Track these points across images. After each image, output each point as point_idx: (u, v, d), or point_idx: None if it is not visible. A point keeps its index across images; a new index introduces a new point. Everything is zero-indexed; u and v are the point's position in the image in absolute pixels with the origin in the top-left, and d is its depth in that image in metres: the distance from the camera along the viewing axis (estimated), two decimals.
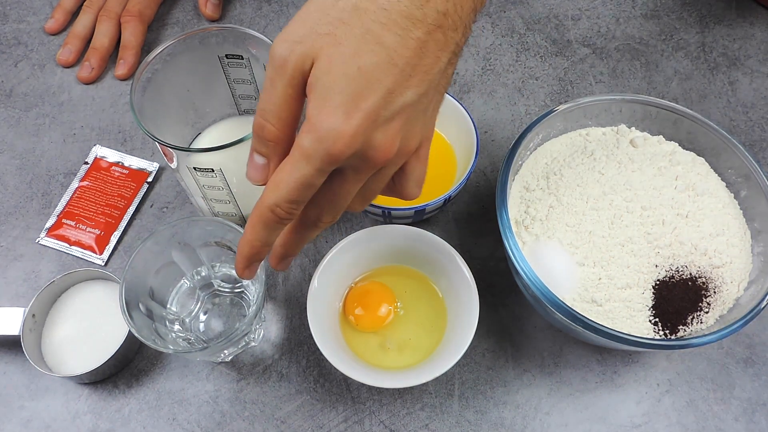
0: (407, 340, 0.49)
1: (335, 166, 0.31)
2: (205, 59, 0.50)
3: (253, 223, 0.34)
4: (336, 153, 0.30)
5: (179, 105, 0.52)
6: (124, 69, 0.65)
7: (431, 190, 0.53)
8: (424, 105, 0.32)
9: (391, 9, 0.30)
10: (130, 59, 0.65)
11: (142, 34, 0.66)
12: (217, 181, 0.47)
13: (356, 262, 0.50)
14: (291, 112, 0.32)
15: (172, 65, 0.48)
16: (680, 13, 0.70)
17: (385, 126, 0.31)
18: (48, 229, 0.57)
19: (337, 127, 0.29)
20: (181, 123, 0.54)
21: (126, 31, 0.66)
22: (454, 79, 0.65)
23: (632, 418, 0.49)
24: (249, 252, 0.35)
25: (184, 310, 0.50)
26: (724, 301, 0.47)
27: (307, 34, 0.30)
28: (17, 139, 0.63)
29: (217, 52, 0.49)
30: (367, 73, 0.29)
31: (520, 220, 0.50)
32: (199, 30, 0.48)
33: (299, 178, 0.31)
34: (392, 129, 0.31)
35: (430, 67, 0.31)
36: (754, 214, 0.49)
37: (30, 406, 0.50)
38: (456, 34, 0.32)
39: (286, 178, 0.31)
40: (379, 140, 0.31)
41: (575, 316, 0.43)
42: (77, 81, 0.66)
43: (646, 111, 0.53)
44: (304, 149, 0.30)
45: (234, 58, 0.49)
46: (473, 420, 0.49)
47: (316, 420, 0.49)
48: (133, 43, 0.66)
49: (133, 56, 0.66)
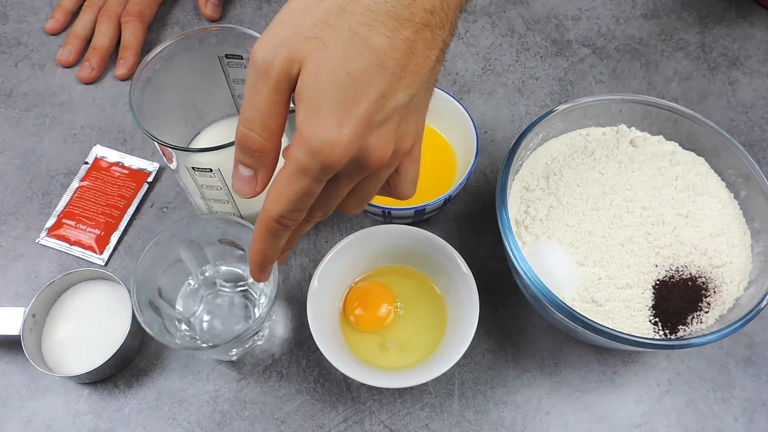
0: (407, 340, 0.49)
1: (332, 175, 0.31)
2: (204, 59, 0.50)
3: (261, 234, 0.34)
4: (332, 164, 0.30)
5: (179, 105, 0.52)
6: (124, 69, 0.65)
7: (431, 190, 0.53)
8: (415, 105, 0.32)
9: (378, 10, 0.29)
10: (130, 59, 0.66)
11: (142, 34, 0.66)
12: (216, 181, 0.47)
13: (356, 262, 0.50)
14: (277, 120, 0.31)
15: (172, 65, 0.48)
16: (680, 13, 0.70)
17: (378, 130, 0.30)
18: (48, 229, 0.57)
19: (331, 137, 0.29)
20: (181, 123, 0.54)
21: (126, 32, 0.66)
22: (454, 79, 0.65)
23: (632, 418, 0.49)
24: (261, 260, 0.36)
25: (188, 311, 0.50)
26: (724, 301, 0.47)
27: (292, 37, 0.29)
28: (17, 139, 0.63)
29: (217, 52, 0.49)
30: (357, 78, 0.29)
31: (520, 220, 0.50)
32: (198, 30, 0.48)
33: (299, 190, 0.31)
34: (386, 133, 0.31)
35: (419, 66, 0.30)
36: (754, 214, 0.49)
37: (30, 406, 0.50)
38: (443, 31, 0.31)
39: (285, 190, 0.31)
40: (373, 145, 0.30)
41: (575, 316, 0.43)
42: (77, 81, 0.66)
43: (646, 111, 0.53)
44: (299, 163, 0.30)
45: (234, 58, 0.49)
46: (473, 420, 0.49)
47: (316, 420, 0.49)
48: (133, 43, 0.66)
49: (133, 56, 0.66)
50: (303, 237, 0.57)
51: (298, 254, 0.56)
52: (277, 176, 0.32)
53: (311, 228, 0.57)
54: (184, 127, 0.55)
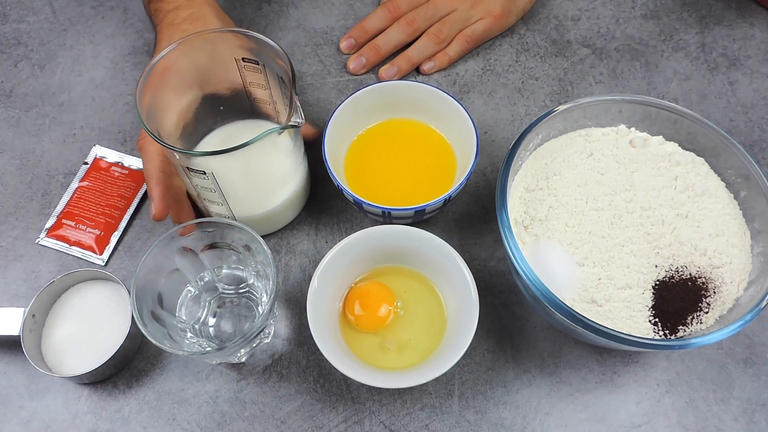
0: (407, 340, 0.49)
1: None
2: (218, 60, 0.49)
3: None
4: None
5: (188, 101, 0.52)
6: (392, 73, 0.65)
7: (431, 190, 0.53)
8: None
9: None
10: (403, 66, 0.65)
11: (457, 55, 0.66)
12: (209, 183, 0.47)
13: (356, 262, 0.50)
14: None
15: (184, 64, 0.48)
16: (680, 14, 0.70)
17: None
18: (48, 230, 0.57)
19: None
20: (191, 120, 0.53)
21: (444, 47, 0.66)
22: (454, 80, 0.66)
23: (632, 418, 0.49)
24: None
25: (192, 317, 0.50)
26: (724, 301, 0.47)
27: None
28: (17, 139, 0.63)
29: (234, 54, 0.49)
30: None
31: (520, 220, 0.50)
32: (208, 31, 0.48)
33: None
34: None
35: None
36: (753, 214, 0.49)
37: (30, 406, 0.50)
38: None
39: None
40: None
41: (575, 317, 0.43)
42: (77, 81, 0.66)
43: (646, 111, 0.53)
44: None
45: (250, 62, 0.49)
46: (473, 420, 0.49)
47: (316, 420, 0.49)
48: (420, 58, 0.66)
49: (407, 65, 0.65)
50: (303, 237, 0.57)
51: (298, 254, 0.56)
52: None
53: (311, 228, 0.57)
54: (194, 123, 0.54)
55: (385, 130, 0.58)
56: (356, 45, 0.67)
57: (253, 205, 0.52)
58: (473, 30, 0.65)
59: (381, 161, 0.57)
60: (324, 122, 0.54)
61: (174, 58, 0.47)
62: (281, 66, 0.47)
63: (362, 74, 0.66)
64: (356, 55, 0.66)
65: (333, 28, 0.69)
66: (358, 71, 0.66)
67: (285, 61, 0.46)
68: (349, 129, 0.57)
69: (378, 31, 0.67)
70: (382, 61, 0.66)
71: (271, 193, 0.53)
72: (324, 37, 0.69)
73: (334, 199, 0.59)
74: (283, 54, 0.46)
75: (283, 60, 0.46)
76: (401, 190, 0.55)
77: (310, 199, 0.58)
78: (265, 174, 0.51)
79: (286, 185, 0.53)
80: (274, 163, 0.51)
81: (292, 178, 0.53)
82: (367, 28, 0.66)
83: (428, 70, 0.65)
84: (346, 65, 0.66)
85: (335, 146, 0.54)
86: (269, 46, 0.47)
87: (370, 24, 0.66)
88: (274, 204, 0.53)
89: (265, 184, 0.52)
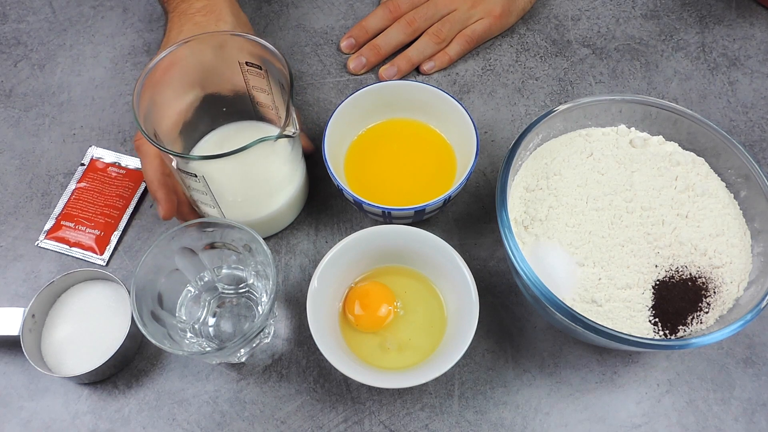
0: (407, 340, 0.49)
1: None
2: (223, 61, 0.49)
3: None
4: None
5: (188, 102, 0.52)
6: (392, 73, 0.65)
7: (431, 190, 0.53)
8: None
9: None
10: (404, 66, 0.65)
11: (456, 55, 0.66)
12: (201, 186, 0.47)
13: (356, 262, 0.50)
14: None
15: (189, 62, 0.48)
16: (680, 14, 0.70)
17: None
18: (47, 232, 0.57)
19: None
20: (190, 118, 0.53)
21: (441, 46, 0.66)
22: (454, 80, 0.66)
23: (632, 418, 0.49)
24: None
25: (192, 317, 0.50)
26: (724, 301, 0.47)
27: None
28: (17, 139, 0.63)
29: (239, 57, 0.49)
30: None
31: (520, 221, 0.50)
32: (213, 33, 0.48)
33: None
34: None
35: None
36: (754, 214, 0.49)
37: (30, 406, 0.50)
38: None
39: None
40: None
41: (575, 317, 0.43)
42: (77, 81, 0.66)
43: (646, 111, 0.53)
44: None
45: (253, 66, 0.49)
46: (473, 420, 0.49)
47: (316, 420, 0.49)
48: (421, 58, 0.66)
49: (407, 65, 0.65)
50: (303, 237, 0.57)
51: (298, 254, 0.56)
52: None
53: (311, 228, 0.57)
54: (197, 123, 0.54)
55: (385, 130, 0.58)
56: (356, 45, 0.67)
57: (247, 210, 0.52)
58: (473, 30, 0.65)
59: (381, 161, 0.57)
60: (324, 122, 0.54)
61: (180, 56, 0.47)
62: (282, 73, 0.47)
63: (362, 74, 0.66)
64: (356, 54, 0.66)
65: (333, 28, 0.69)
66: (358, 71, 0.66)
67: (285, 69, 0.46)
68: (349, 129, 0.57)
69: (378, 30, 0.67)
70: (382, 60, 0.66)
71: (267, 199, 0.52)
72: (324, 37, 0.69)
73: (334, 199, 0.59)
74: (284, 62, 0.46)
75: (284, 67, 0.46)
76: (401, 190, 0.55)
77: (309, 199, 0.58)
78: (260, 180, 0.51)
79: (282, 191, 0.53)
80: (270, 170, 0.51)
81: (290, 184, 0.53)
82: (367, 27, 0.66)
83: (428, 70, 0.65)
84: (346, 65, 0.66)
85: (335, 146, 0.54)
86: (272, 52, 0.47)
87: (370, 24, 0.66)
88: (270, 209, 0.53)
89: (260, 189, 0.52)
